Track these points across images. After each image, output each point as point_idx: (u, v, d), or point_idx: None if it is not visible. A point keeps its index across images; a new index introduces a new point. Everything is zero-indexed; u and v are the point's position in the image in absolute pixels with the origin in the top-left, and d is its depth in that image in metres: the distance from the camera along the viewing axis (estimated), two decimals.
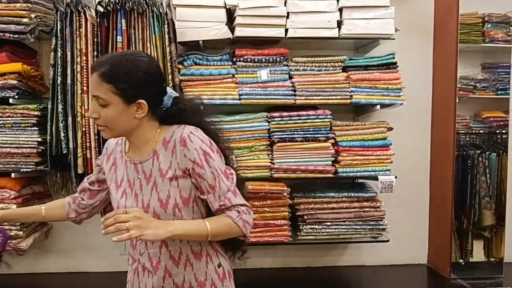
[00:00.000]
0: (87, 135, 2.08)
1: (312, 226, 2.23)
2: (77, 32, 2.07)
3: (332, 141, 2.24)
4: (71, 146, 2.07)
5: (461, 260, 2.57)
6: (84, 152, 2.08)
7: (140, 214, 1.18)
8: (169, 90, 1.35)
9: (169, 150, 1.32)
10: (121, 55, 1.29)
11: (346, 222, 2.25)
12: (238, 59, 2.21)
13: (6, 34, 2.03)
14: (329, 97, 2.23)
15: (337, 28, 2.21)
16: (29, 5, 2.01)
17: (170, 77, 2.11)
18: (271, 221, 2.21)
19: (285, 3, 2.19)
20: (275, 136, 2.21)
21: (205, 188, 1.32)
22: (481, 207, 2.55)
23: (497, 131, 2.68)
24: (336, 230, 2.24)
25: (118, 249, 2.46)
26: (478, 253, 2.62)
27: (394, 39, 2.26)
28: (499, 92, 2.67)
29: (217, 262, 1.38)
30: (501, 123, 2.68)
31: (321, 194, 2.26)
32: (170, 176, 1.31)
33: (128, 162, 1.36)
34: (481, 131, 2.69)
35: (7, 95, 2.08)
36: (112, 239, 1.12)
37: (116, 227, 1.13)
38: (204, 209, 1.36)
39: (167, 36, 2.10)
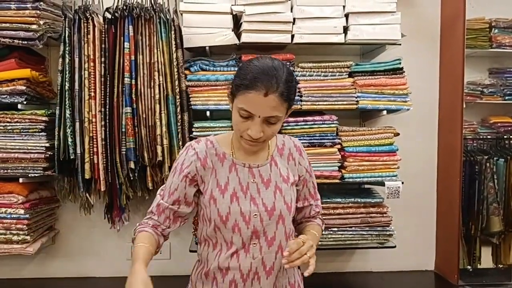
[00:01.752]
0: (95, 140, 2.09)
1: None
2: (85, 39, 2.09)
3: (339, 146, 2.24)
4: (78, 151, 2.08)
5: (469, 267, 2.55)
6: (91, 157, 2.09)
7: (312, 241, 1.23)
8: None
9: (284, 157, 1.40)
10: (280, 67, 1.23)
11: (353, 228, 2.24)
12: None
13: (15, 40, 2.05)
14: (336, 103, 2.23)
15: (343, 34, 2.22)
16: (38, 12, 2.03)
17: (176, 82, 2.12)
18: None
19: (291, 9, 2.20)
20: None
21: (305, 195, 1.46)
22: (489, 213, 2.53)
23: (505, 137, 2.67)
24: (343, 236, 2.23)
25: (125, 254, 2.46)
26: (486, 260, 2.61)
27: (400, 44, 2.26)
28: (506, 98, 2.67)
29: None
30: (509, 128, 2.67)
31: (328, 200, 2.25)
32: (292, 182, 1.38)
33: (238, 165, 1.34)
34: (488, 137, 2.68)
35: (16, 100, 2.09)
36: (286, 266, 1.18)
37: (301, 260, 1.17)
38: None
39: (174, 42, 2.12)
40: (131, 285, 1.15)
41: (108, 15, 2.13)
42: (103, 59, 2.09)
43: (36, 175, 2.11)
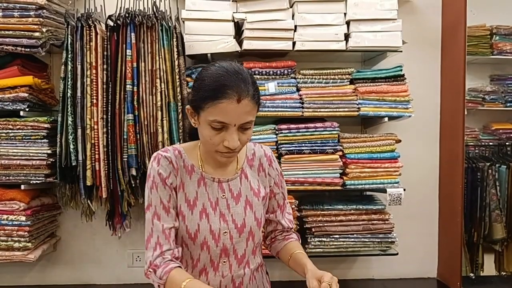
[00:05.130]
0: (96, 147, 2.09)
1: (320, 239, 2.21)
2: (87, 46, 2.10)
3: (340, 153, 2.24)
4: (80, 158, 2.08)
5: (471, 274, 2.53)
6: (93, 164, 2.10)
7: (331, 275, 1.15)
8: None
9: (255, 168, 1.33)
10: (242, 69, 1.15)
11: (355, 235, 2.23)
12: None
13: (18, 48, 2.06)
14: (337, 110, 2.23)
15: (345, 41, 2.22)
16: (41, 19, 2.04)
17: (178, 89, 2.13)
18: None
19: (293, 16, 2.21)
20: (283, 149, 2.21)
21: (273, 207, 1.38)
22: (492, 220, 2.52)
23: (507, 143, 2.67)
24: (345, 243, 2.23)
25: (126, 261, 2.46)
26: (489, 267, 2.59)
27: (401, 51, 2.27)
28: (508, 104, 2.67)
29: (265, 269, 1.45)
30: (511, 135, 2.66)
31: (329, 207, 2.25)
32: (263, 195, 1.32)
33: (207, 179, 1.26)
34: (490, 143, 2.67)
35: (18, 107, 2.10)
36: None
37: None
38: None
39: (175, 50, 2.13)
40: None
41: (111, 23, 2.14)
42: (105, 66, 2.10)
43: (38, 182, 2.11)
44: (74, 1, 2.34)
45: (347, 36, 2.24)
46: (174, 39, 2.13)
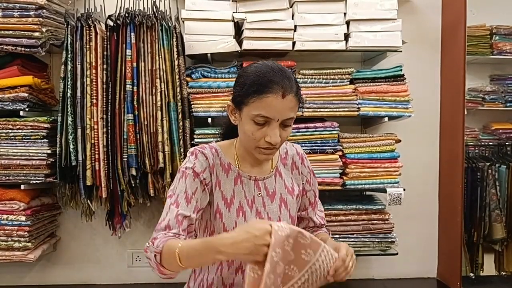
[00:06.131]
0: (96, 147, 2.10)
1: None
2: (87, 46, 2.10)
3: (340, 153, 2.24)
4: (80, 158, 2.08)
5: (471, 274, 2.53)
6: (93, 164, 2.10)
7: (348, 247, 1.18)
8: None
9: (288, 167, 1.34)
10: (284, 67, 1.18)
11: (355, 235, 2.23)
12: None
13: (18, 47, 2.06)
14: (337, 109, 2.23)
15: (344, 41, 2.22)
16: (41, 19, 2.04)
17: (178, 89, 2.13)
18: None
19: (293, 16, 2.21)
20: None
21: (305, 205, 1.39)
22: (492, 220, 2.52)
23: (507, 143, 2.67)
24: (344, 243, 2.22)
25: (126, 261, 2.46)
26: (489, 267, 2.59)
27: (401, 51, 2.27)
28: (508, 104, 2.67)
29: None
30: (511, 135, 2.67)
31: (329, 207, 2.24)
32: (297, 193, 1.34)
33: (244, 177, 1.27)
34: (490, 143, 2.67)
35: (18, 107, 2.10)
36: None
37: (347, 273, 1.16)
38: None
39: (175, 49, 2.13)
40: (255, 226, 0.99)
41: (110, 23, 2.14)
42: (105, 66, 2.10)
43: (38, 181, 2.11)
44: (74, 1, 2.34)
45: (347, 36, 2.24)
46: (174, 39, 2.13)
